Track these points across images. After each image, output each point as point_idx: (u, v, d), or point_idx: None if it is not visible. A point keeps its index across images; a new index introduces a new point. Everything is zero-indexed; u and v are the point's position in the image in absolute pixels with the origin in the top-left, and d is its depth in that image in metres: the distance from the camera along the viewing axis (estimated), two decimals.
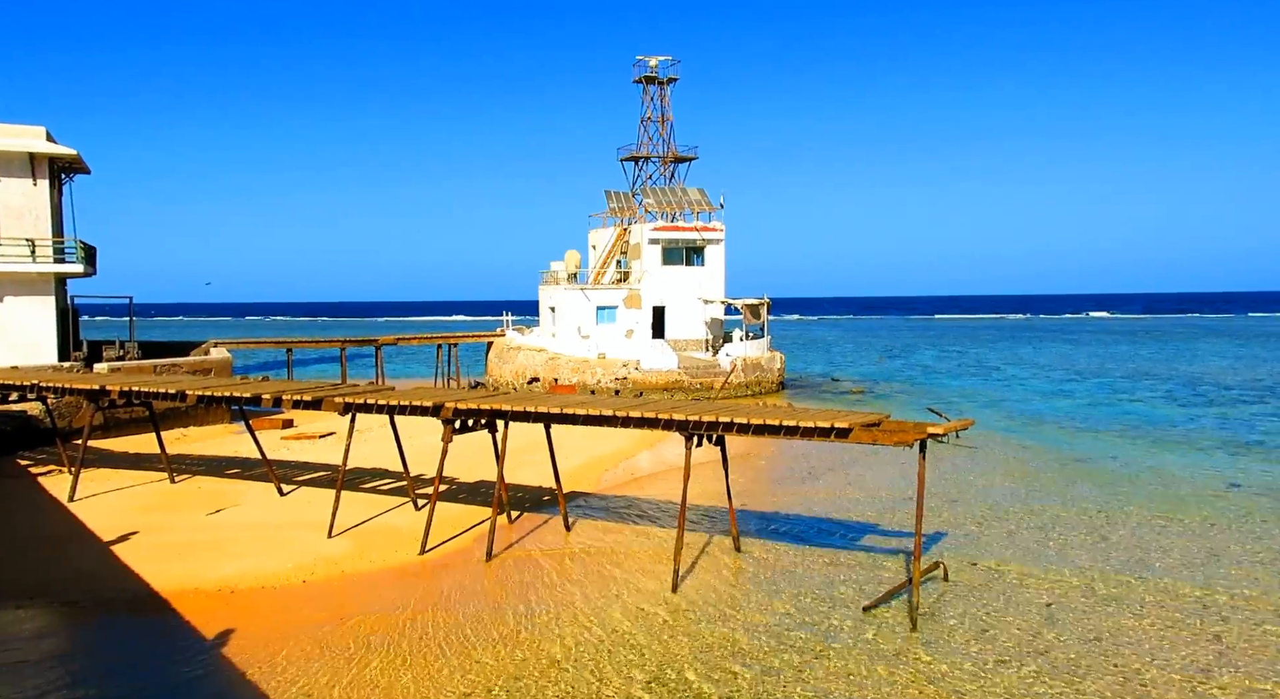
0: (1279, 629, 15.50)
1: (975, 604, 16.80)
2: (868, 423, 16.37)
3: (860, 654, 14.49)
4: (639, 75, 58.03)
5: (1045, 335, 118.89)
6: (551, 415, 19.41)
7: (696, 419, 17.71)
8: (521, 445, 29.11)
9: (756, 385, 50.21)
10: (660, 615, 16.29)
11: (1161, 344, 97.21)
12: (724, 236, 54.04)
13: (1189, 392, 52.14)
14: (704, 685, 13.42)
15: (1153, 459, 31.55)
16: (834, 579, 18.29)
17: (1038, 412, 44.43)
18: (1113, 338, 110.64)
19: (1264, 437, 36.00)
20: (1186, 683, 13.40)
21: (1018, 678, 13.60)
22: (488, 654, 14.54)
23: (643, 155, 58.09)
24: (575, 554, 20.24)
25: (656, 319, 52.95)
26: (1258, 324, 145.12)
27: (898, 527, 22.13)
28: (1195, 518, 23.19)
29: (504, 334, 57.62)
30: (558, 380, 49.31)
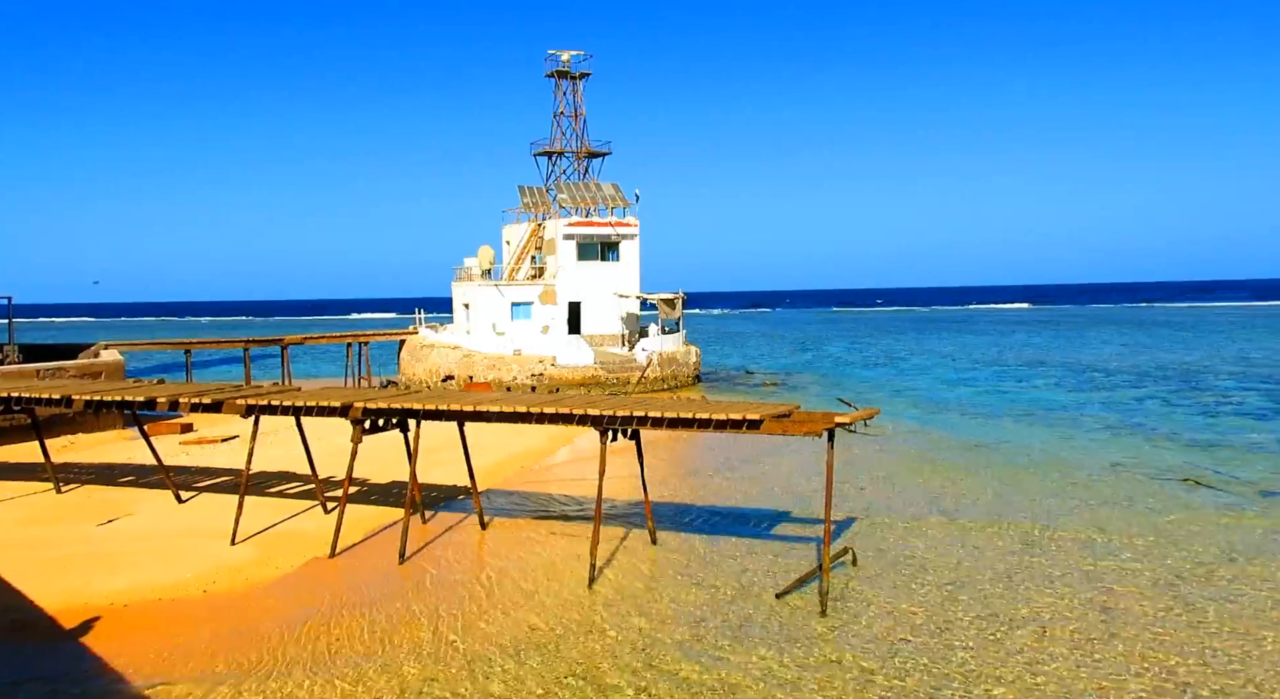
0: (1161, 605, 16.45)
1: (882, 587, 17.33)
2: (778, 414, 16.69)
3: (773, 640, 14.79)
4: (551, 69, 57.71)
5: (948, 326, 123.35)
6: (466, 413, 19.17)
7: (611, 414, 17.76)
8: (436, 444, 28.66)
9: (673, 379, 50.61)
10: (577, 611, 16.29)
11: (1054, 333, 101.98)
12: (639, 232, 54.23)
13: (1078, 378, 54.85)
14: (620, 679, 13.49)
15: (1046, 443, 33.09)
16: (748, 568, 18.60)
17: (941, 399, 46.06)
18: (1010, 327, 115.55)
19: (1143, 419, 38.16)
20: (1074, 653, 14.10)
21: (923, 657, 14.08)
22: (400, 658, 14.28)
23: (556, 150, 57.80)
24: (490, 552, 20.05)
25: (572, 315, 52.82)
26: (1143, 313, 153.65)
27: (808, 515, 22.64)
28: (1084, 495, 24.42)
29: (417, 332, 56.59)
30: (473, 378, 48.73)
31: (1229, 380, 51.33)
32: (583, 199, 54.51)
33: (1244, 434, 33.88)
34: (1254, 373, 54.93)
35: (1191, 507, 23.16)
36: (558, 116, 57.71)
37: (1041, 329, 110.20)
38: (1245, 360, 63.16)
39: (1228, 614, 15.65)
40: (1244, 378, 52.33)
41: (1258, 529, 20.95)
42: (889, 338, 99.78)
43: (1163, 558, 18.87)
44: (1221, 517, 22.11)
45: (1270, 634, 14.73)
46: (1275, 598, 16.41)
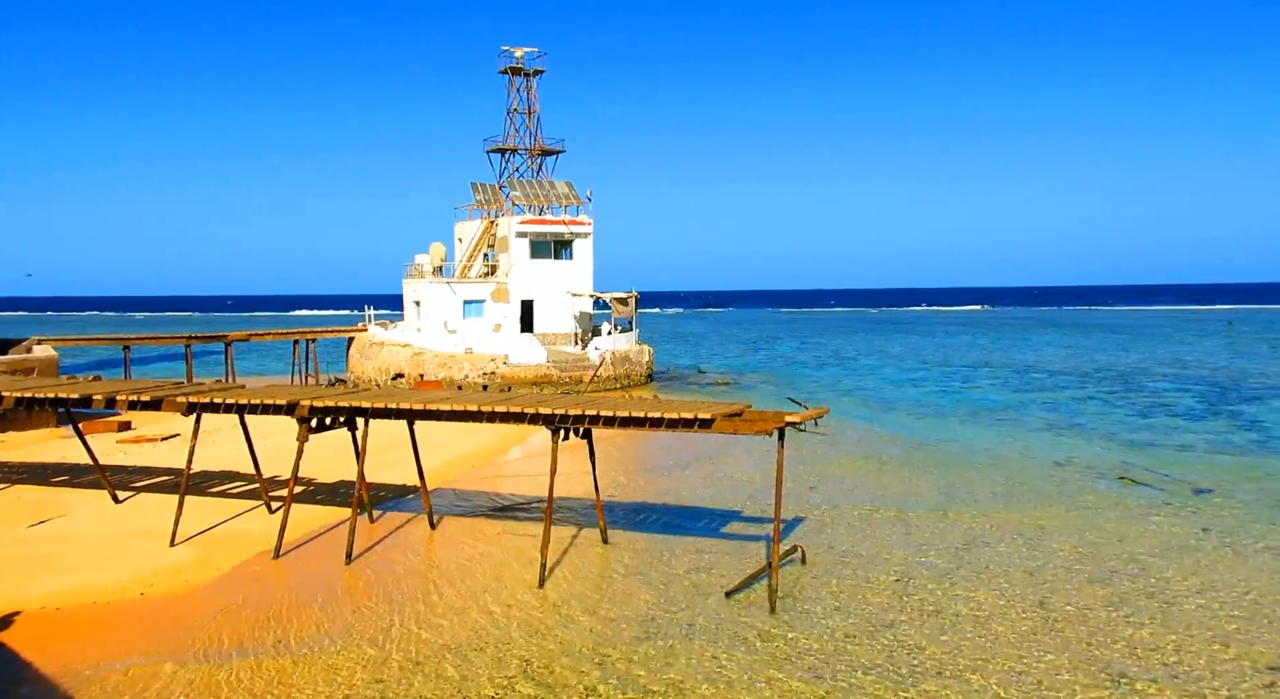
0: (1095, 595, 16.92)
1: (830, 584, 17.55)
2: (730, 413, 16.80)
3: (722, 638, 14.88)
4: (504, 66, 57.30)
5: (897, 327, 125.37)
6: (415, 412, 18.95)
7: (563, 413, 17.71)
8: (385, 443, 28.28)
9: (625, 378, 50.63)
10: (527, 610, 16.21)
11: (999, 335, 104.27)
12: (592, 230, 54.13)
13: (1021, 379, 56.16)
14: (571, 678, 13.46)
15: (990, 442, 33.82)
16: (698, 566, 18.70)
17: (890, 399, 46.80)
18: (957, 329, 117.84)
19: (1083, 419, 39.22)
20: (1016, 649, 14.44)
21: (868, 652, 14.30)
22: (346, 659, 14.07)
23: (509, 148, 57.42)
24: (440, 552, 19.86)
25: (525, 313, 52.53)
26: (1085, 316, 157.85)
27: (759, 513, 22.83)
28: (1027, 497, 25.01)
29: (366, 329, 55.78)
30: (423, 376, 48.19)
31: (1163, 382, 53.00)
32: (536, 197, 54.23)
33: (1177, 434, 35.02)
34: (1187, 375, 56.80)
35: (1127, 504, 23.87)
36: (511, 113, 57.36)
37: (987, 331, 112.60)
38: (1179, 363, 65.29)
39: (1160, 608, 16.16)
40: (1177, 379, 54.10)
41: (1190, 526, 21.66)
42: (839, 338, 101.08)
43: (1100, 554, 19.41)
44: (1156, 514, 22.82)
45: (1200, 628, 15.24)
46: (1205, 592, 16.99)
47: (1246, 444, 32.53)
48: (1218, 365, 62.58)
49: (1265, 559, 18.93)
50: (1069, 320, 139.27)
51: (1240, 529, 21.20)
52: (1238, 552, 19.44)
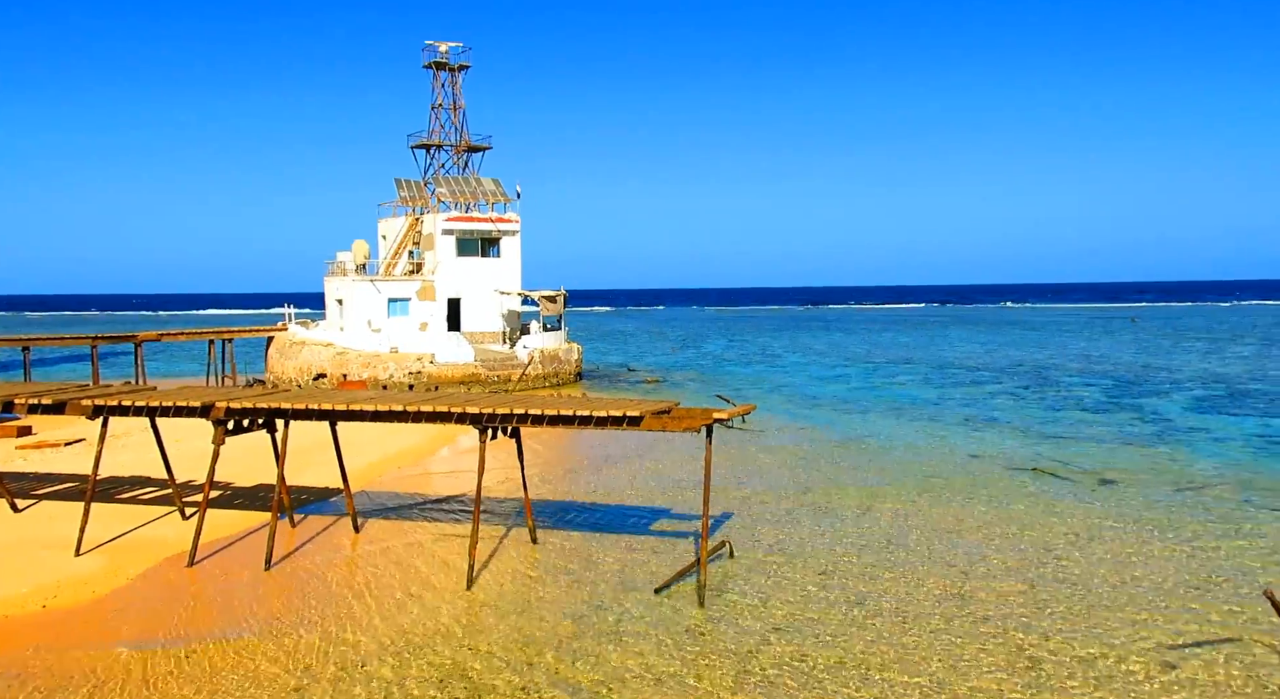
0: (1010, 584, 17.54)
1: (757, 578, 17.79)
2: (658, 411, 16.88)
3: (652, 634, 14.95)
4: (428, 60, 56.40)
5: (823, 325, 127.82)
6: (338, 413, 18.53)
7: (491, 411, 17.53)
8: (307, 445, 27.58)
9: (554, 377, 50.42)
10: (455, 612, 16.01)
11: (920, 332, 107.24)
12: (520, 228, 53.73)
13: (941, 375, 57.87)
14: (500, 679, 13.34)
15: (911, 436, 34.75)
16: (627, 564, 18.74)
17: (815, 395, 47.69)
18: (880, 326, 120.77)
19: (998, 413, 40.63)
20: (935, 637, 14.87)
21: (794, 644, 14.54)
22: (267, 668, 13.67)
23: (434, 143, 56.54)
24: (365, 555, 19.45)
25: (452, 311, 51.83)
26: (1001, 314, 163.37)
27: (688, 510, 23.00)
28: (944, 486, 25.78)
29: (286, 328, 54.27)
30: (347, 376, 47.14)
31: (1073, 377, 55.25)
32: (463, 194, 53.55)
33: (1085, 427, 36.54)
34: (1094, 370, 59.34)
35: (1039, 495, 24.80)
36: (436, 109, 56.49)
37: (909, 328, 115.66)
38: (1087, 358, 68.16)
39: (1070, 594, 16.84)
40: (1085, 374, 56.47)
41: (1097, 515, 22.62)
42: (767, 336, 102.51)
43: (1013, 544, 20.13)
44: (1066, 504, 23.77)
45: (1108, 612, 15.93)
46: (1111, 578, 17.76)
47: (1149, 436, 34.15)
48: (1122, 360, 65.54)
49: (1166, 545, 19.90)
50: (985, 318, 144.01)
51: (1143, 518, 22.24)
52: (1141, 539, 20.39)
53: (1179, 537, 20.46)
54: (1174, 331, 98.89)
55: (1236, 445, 31.81)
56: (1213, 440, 32.86)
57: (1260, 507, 23.11)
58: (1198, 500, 23.88)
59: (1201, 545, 19.78)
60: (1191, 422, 37.21)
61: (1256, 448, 31.30)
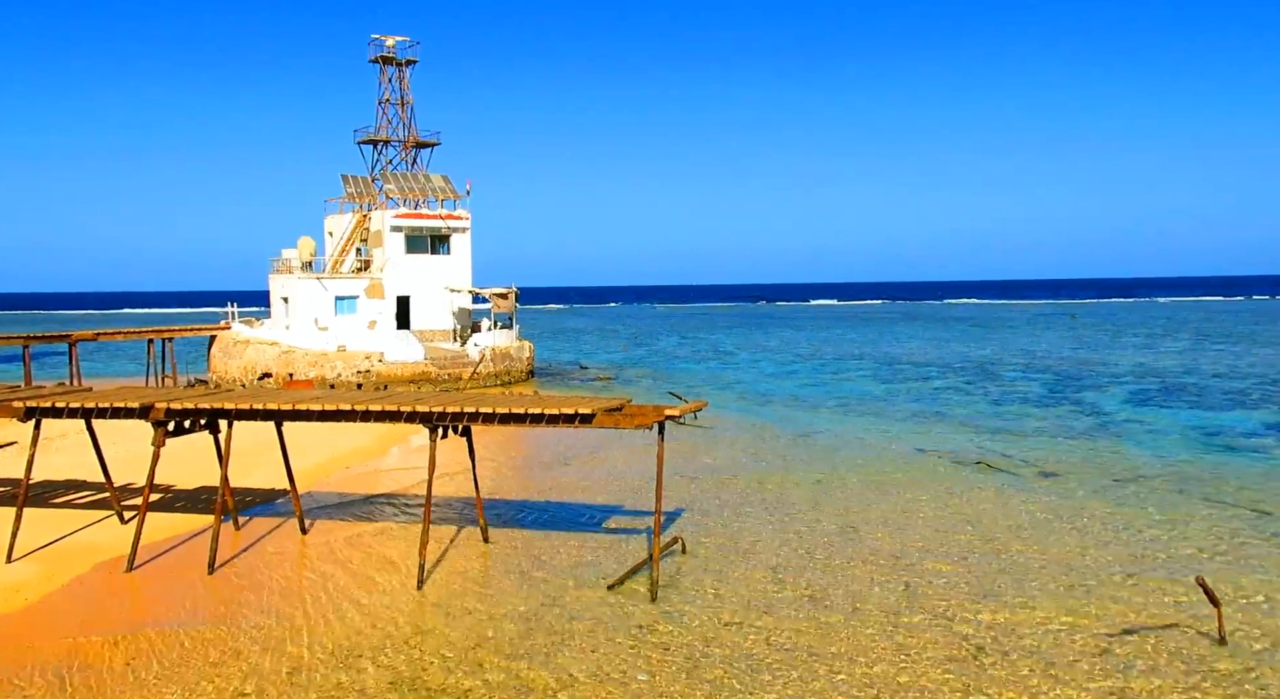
0: (955, 576, 17.90)
1: (710, 573, 17.89)
2: (610, 408, 16.87)
3: (605, 631, 14.94)
4: (375, 55, 55.58)
5: (774, 322, 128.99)
6: (283, 412, 18.17)
7: (441, 410, 17.35)
8: (252, 446, 27.01)
9: (506, 375, 50.09)
10: (406, 612, 15.82)
11: (868, 328, 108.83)
12: (470, 225, 53.25)
13: (889, 370, 58.80)
14: (452, 678, 13.22)
15: (860, 431, 35.26)
16: (580, 561, 18.70)
17: (766, 391, 48.10)
18: (828, 323, 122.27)
19: (944, 408, 41.43)
20: (884, 628, 15.11)
21: (745, 638, 14.66)
22: (210, 675, 13.36)
23: (382, 139, 55.72)
24: (312, 557, 19.12)
25: (401, 309, 51.18)
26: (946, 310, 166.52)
27: (640, 506, 23.03)
28: (893, 481, 26.21)
29: (229, 327, 53.05)
30: (293, 376, 46.26)
31: (1016, 372, 56.56)
32: (411, 190, 52.87)
33: (1027, 421, 37.43)
34: (1036, 365, 60.81)
35: (983, 488, 25.35)
36: (383, 104, 55.67)
37: (858, 325, 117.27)
38: (1029, 353, 69.82)
39: (1013, 583, 17.23)
40: (1028, 369, 57.84)
41: (1039, 507, 23.19)
42: (719, 333, 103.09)
43: (958, 536, 20.54)
44: (1009, 496, 24.33)
45: (1049, 599, 16.35)
46: (1051, 567, 18.23)
47: (1088, 429, 35.11)
48: (1063, 355, 67.27)
49: (1104, 535, 20.48)
50: (931, 314, 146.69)
51: (1082, 508, 22.86)
52: (1081, 529, 20.96)
53: (1117, 526, 21.07)
54: (1112, 327, 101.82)
55: (1170, 437, 32.87)
56: (1148, 433, 33.91)
57: (1193, 496, 23.91)
58: (1134, 491, 24.62)
59: (1138, 535, 20.40)
60: (1128, 415, 38.34)
61: (1189, 440, 32.38)
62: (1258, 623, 15.07)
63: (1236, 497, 23.70)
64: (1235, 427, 34.72)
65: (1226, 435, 32.92)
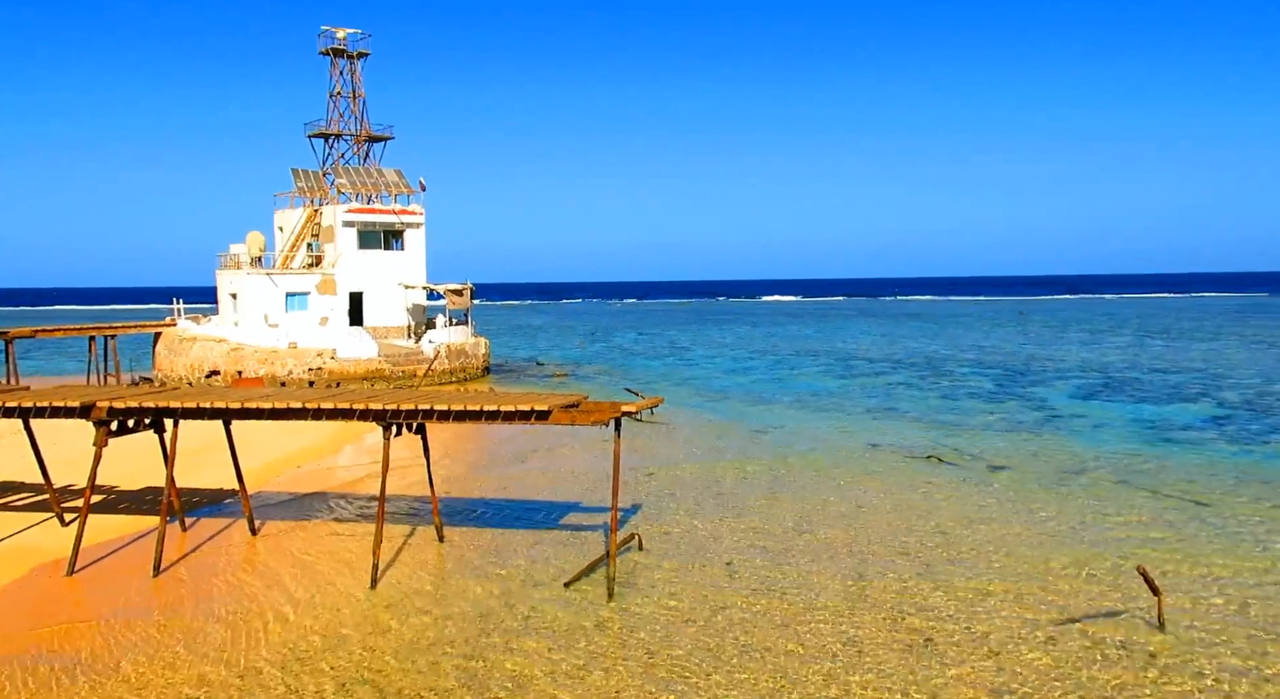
0: (907, 568, 18.19)
1: (666, 570, 17.94)
2: (567, 404, 16.82)
3: (561, 629, 14.91)
4: (326, 47, 54.66)
5: (730, 318, 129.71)
6: (231, 411, 17.80)
7: (395, 408, 17.14)
8: (199, 445, 26.44)
9: (461, 372, 49.69)
10: (359, 613, 15.61)
11: (822, 324, 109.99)
12: (424, 220, 52.69)
13: (842, 366, 59.51)
14: (407, 679, 13.08)
15: (815, 426, 35.63)
16: (537, 559, 18.63)
17: (723, 388, 48.37)
18: (783, 319, 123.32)
19: (896, 403, 42.05)
20: (837, 620, 15.29)
21: (702, 633, 14.73)
22: (156, 680, 13.04)
23: (333, 132, 54.83)
24: (262, 557, 18.77)
25: (354, 306, 50.47)
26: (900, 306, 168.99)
27: (597, 503, 23.01)
28: (847, 475, 26.54)
29: (175, 324, 51.82)
30: (242, 373, 45.36)
31: (966, 367, 57.62)
32: (364, 185, 52.13)
33: (977, 415, 38.16)
34: (986, 360, 62.02)
35: (935, 481, 25.78)
36: (334, 97, 54.78)
37: (812, 321, 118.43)
38: (979, 349, 71.17)
39: (962, 574, 17.56)
40: (977, 365, 58.96)
41: (988, 499, 23.66)
42: (675, 329, 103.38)
43: (911, 528, 20.87)
44: (959, 489, 24.78)
45: (998, 589, 16.69)
46: (999, 558, 18.61)
47: (1035, 423, 35.90)
48: (1011, 351, 68.70)
49: (1050, 526, 20.96)
50: (885, 310, 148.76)
51: (1030, 500, 23.38)
52: (1027, 521, 21.43)
53: (1063, 517, 21.59)
54: (1058, 323, 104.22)
55: (1114, 431, 33.75)
56: (1092, 426, 34.78)
57: (1135, 487, 24.59)
58: (1079, 483, 25.24)
59: (1083, 525, 20.92)
60: (1074, 409, 39.29)
61: (1132, 433, 33.28)
62: (1194, 609, 15.55)
63: (1176, 488, 24.43)
64: (1175, 420, 35.78)
65: (1166, 428, 33.91)
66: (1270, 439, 31.27)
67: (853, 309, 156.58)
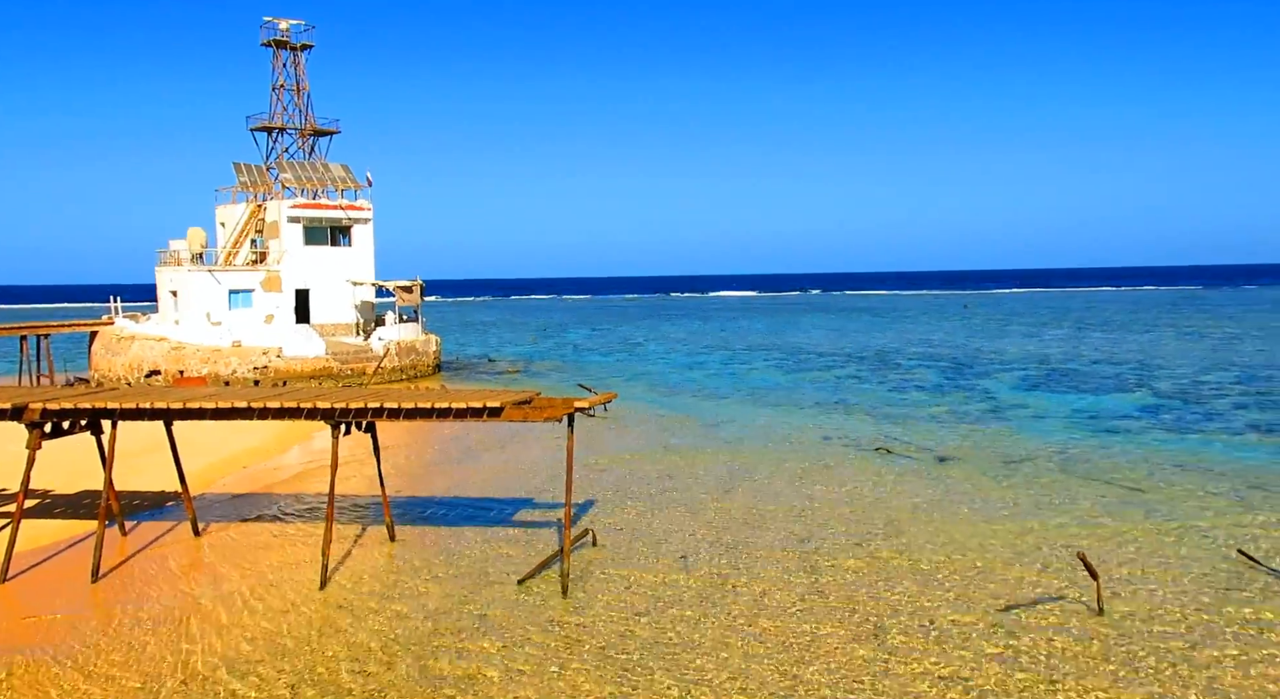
0: (858, 559, 18.46)
1: (620, 564, 17.95)
2: (519, 401, 16.71)
3: (515, 626, 14.83)
4: (268, 38, 53.48)
5: (682, 313, 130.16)
6: (173, 411, 17.35)
7: (343, 406, 16.86)
8: (140, 446, 25.72)
9: (412, 369, 49.11)
10: (308, 615, 15.35)
11: (774, 319, 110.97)
12: (372, 216, 51.91)
13: (794, 360, 60.13)
14: (358, 680, 12.90)
15: (767, 420, 35.95)
16: (490, 557, 18.51)
17: (675, 383, 48.53)
18: (735, 314, 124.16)
19: (846, 396, 42.63)
20: (789, 613, 15.46)
21: (655, 628, 14.78)
22: (94, 691, 12.67)
23: (277, 126, 53.71)
24: (206, 561, 18.35)
25: (300, 303, 49.53)
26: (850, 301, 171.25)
27: (551, 499, 22.93)
28: (798, 468, 26.82)
29: (113, 322, 50.32)
30: (184, 372, 44.25)
31: (914, 361, 58.62)
32: (309, 179, 51.15)
33: (925, 407, 38.86)
34: (933, 353, 63.18)
35: (884, 473, 26.20)
36: (277, 90, 53.64)
37: (763, 315, 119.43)
38: (926, 342, 72.47)
39: (911, 565, 17.88)
40: (924, 358, 60.04)
41: (935, 490, 24.12)
42: (628, 325, 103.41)
43: (860, 519, 21.18)
44: (908, 481, 25.22)
45: (945, 576, 17.03)
46: (947, 548, 18.99)
47: (980, 414, 36.68)
48: (957, 344, 70.08)
49: (995, 514, 21.45)
50: (834, 305, 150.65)
51: (975, 491, 23.89)
52: (973, 510, 21.89)
53: (1006, 506, 22.10)
54: (1002, 316, 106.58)
55: (1055, 421, 34.64)
56: (1034, 417, 35.65)
57: (1075, 475, 25.27)
58: (1022, 472, 25.86)
59: (1026, 513, 21.44)
60: (1017, 400, 40.23)
61: (1072, 423, 34.20)
62: (1130, 593, 16.05)
63: (1114, 475, 25.17)
64: (1113, 409, 36.85)
65: (1105, 418, 34.90)
66: (1203, 427, 32.38)
67: (803, 304, 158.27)
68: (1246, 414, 34.86)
